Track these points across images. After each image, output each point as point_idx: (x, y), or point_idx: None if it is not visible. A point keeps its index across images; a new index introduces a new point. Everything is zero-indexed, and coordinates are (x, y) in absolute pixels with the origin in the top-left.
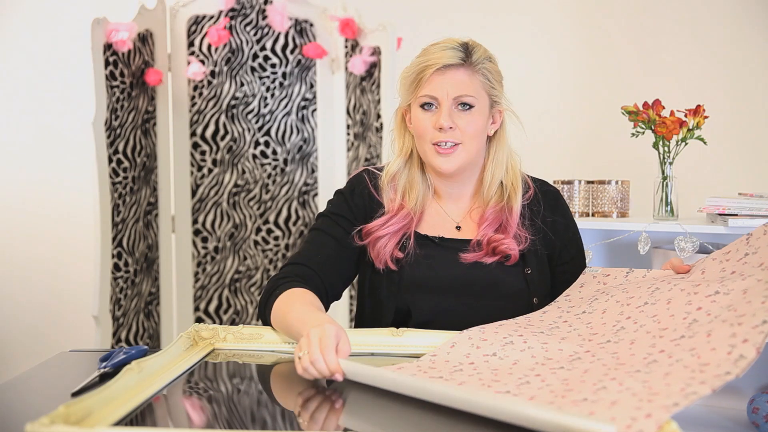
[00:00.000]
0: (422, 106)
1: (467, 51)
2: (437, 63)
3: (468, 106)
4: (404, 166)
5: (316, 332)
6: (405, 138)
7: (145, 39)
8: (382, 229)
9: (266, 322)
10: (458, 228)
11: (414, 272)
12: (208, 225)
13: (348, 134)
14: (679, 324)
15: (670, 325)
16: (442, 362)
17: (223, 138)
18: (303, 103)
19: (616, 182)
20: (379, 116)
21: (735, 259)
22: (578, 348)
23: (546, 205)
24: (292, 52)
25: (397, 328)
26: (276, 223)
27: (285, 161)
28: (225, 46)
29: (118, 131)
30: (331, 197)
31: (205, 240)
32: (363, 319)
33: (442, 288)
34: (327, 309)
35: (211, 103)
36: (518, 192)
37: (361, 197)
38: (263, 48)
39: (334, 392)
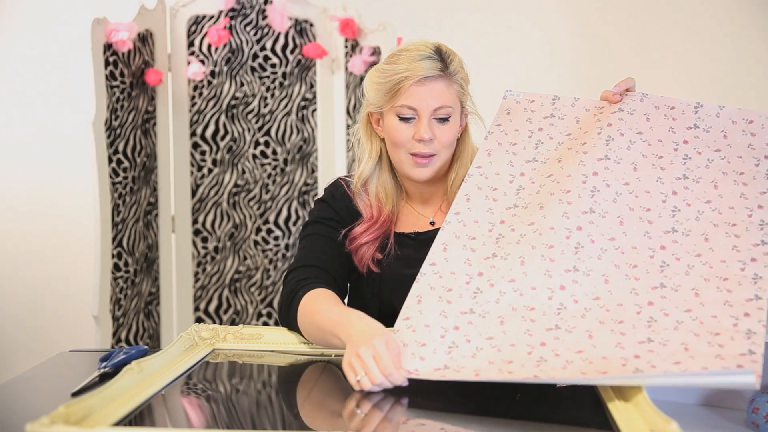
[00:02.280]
0: (400, 116)
1: (444, 61)
2: (417, 74)
3: (446, 118)
4: (375, 169)
5: (368, 352)
6: (373, 141)
7: (145, 39)
8: (363, 236)
9: (290, 326)
10: (432, 223)
11: (393, 271)
12: (208, 225)
13: (348, 134)
14: (662, 209)
15: (651, 206)
16: (447, 274)
17: (223, 138)
18: (303, 103)
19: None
20: None
21: (683, 124)
22: (566, 222)
23: None
24: (292, 52)
25: (388, 326)
26: (276, 223)
27: (285, 161)
28: (225, 46)
29: (118, 131)
30: (312, 208)
31: (205, 240)
32: None
33: None
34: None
35: (211, 103)
36: None
37: (342, 200)
38: (263, 48)
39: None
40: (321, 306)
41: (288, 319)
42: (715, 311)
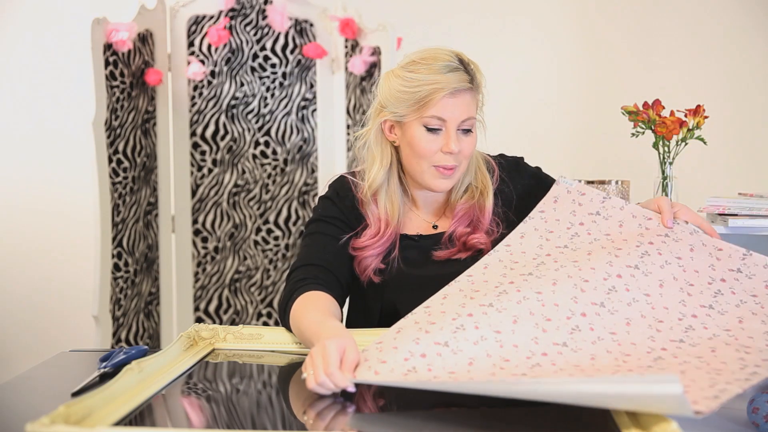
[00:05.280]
0: (428, 127)
1: (470, 73)
2: (448, 87)
3: (469, 129)
4: (385, 177)
5: (318, 351)
6: (384, 148)
7: (145, 39)
8: (368, 250)
9: (288, 327)
10: (435, 227)
11: (395, 272)
12: (208, 225)
13: (348, 134)
14: (675, 324)
15: (665, 318)
16: (438, 313)
17: (223, 138)
18: (303, 103)
19: (616, 182)
20: None
21: (726, 266)
22: (573, 305)
23: (511, 179)
24: (292, 52)
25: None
26: (276, 223)
27: (285, 161)
28: (225, 46)
29: (118, 131)
30: (316, 204)
31: (205, 240)
32: (352, 317)
33: (422, 286)
34: (343, 303)
35: (211, 103)
36: (489, 191)
37: (347, 199)
38: (263, 48)
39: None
40: (308, 312)
41: (284, 320)
42: (725, 359)
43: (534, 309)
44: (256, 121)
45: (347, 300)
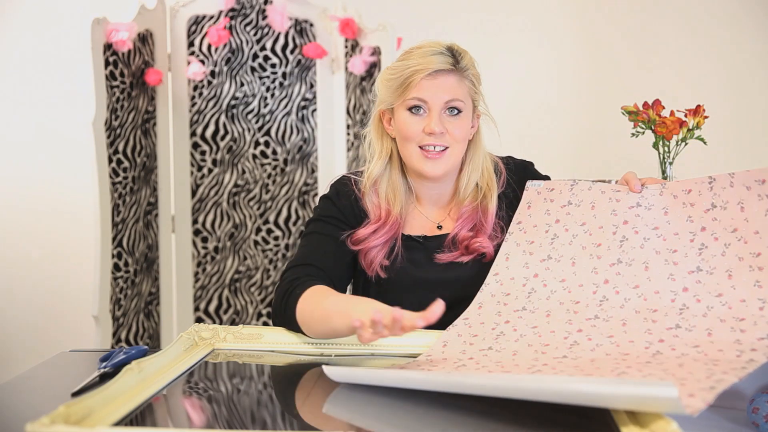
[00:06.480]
0: (410, 109)
1: (455, 56)
2: (427, 68)
3: (457, 111)
4: (384, 169)
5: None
6: (383, 140)
7: (145, 39)
8: (372, 239)
9: (286, 325)
10: (439, 227)
11: (400, 274)
12: (208, 225)
13: (348, 134)
14: (669, 308)
15: (659, 306)
16: (440, 360)
17: (223, 138)
18: (303, 103)
19: (616, 182)
20: None
21: (701, 208)
22: (569, 326)
23: (517, 182)
24: (292, 52)
25: None
26: (276, 223)
27: (285, 161)
28: (225, 46)
29: (118, 131)
30: (317, 204)
31: (205, 240)
32: None
33: (426, 288)
34: None
35: (211, 103)
36: (493, 193)
37: (347, 199)
38: (263, 48)
39: (336, 390)
40: (328, 295)
41: (284, 317)
42: (721, 346)
43: (532, 341)
44: (256, 121)
45: None
